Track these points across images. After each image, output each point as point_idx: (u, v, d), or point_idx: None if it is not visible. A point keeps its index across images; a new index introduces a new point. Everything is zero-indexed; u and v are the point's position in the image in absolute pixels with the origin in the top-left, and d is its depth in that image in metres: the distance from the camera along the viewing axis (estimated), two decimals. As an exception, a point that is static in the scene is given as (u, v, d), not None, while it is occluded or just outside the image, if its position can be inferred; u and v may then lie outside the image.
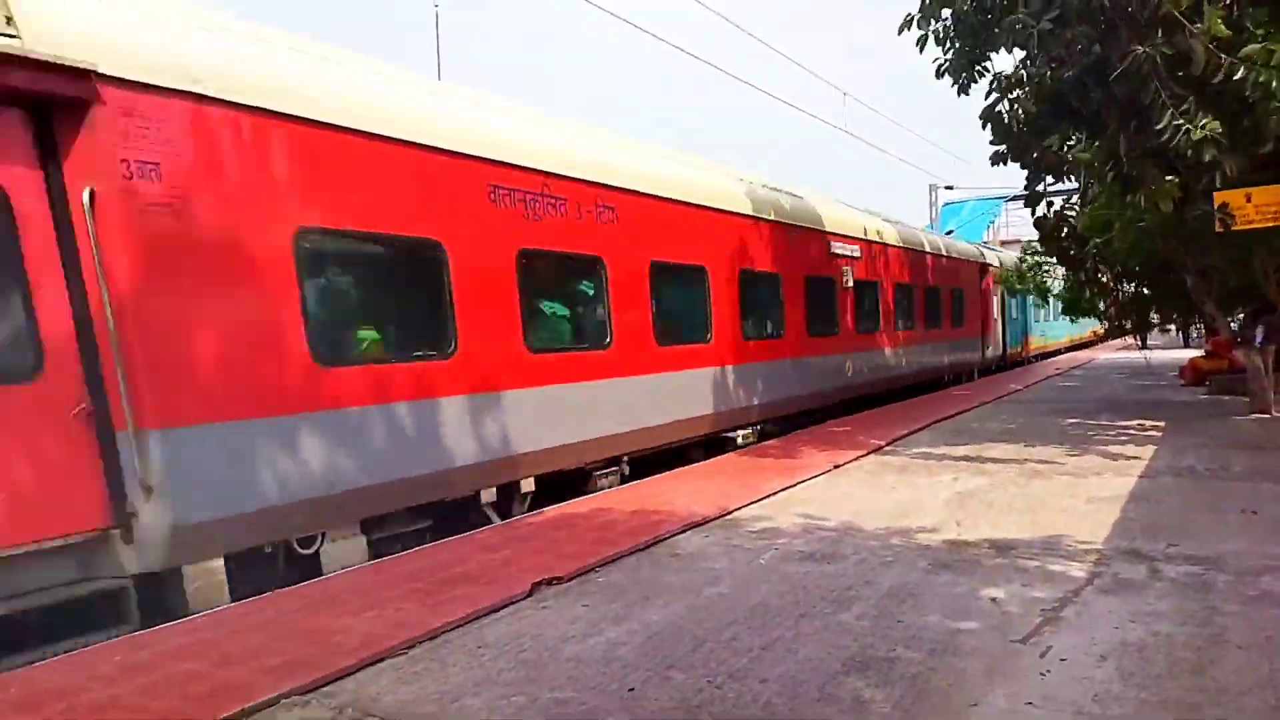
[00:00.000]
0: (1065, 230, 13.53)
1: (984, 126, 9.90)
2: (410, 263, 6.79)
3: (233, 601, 5.09)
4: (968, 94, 9.68)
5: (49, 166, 4.72)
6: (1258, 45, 7.36)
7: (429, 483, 6.53)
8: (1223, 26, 7.42)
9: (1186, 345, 21.72)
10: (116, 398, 4.74)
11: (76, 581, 4.80)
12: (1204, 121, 7.62)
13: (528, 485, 7.53)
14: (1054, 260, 15.70)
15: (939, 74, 9.58)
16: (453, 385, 6.74)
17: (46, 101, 4.62)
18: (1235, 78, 7.43)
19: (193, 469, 5.01)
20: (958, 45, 9.41)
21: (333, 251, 6.21)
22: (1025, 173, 11.22)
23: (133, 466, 4.78)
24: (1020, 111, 9.60)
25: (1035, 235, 15.09)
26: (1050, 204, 13.03)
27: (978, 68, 9.55)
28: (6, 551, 4.45)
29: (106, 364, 4.75)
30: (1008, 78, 9.72)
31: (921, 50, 9.32)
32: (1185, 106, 7.78)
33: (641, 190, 9.03)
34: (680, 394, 9.66)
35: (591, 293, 8.63)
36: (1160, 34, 7.80)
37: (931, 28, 9.25)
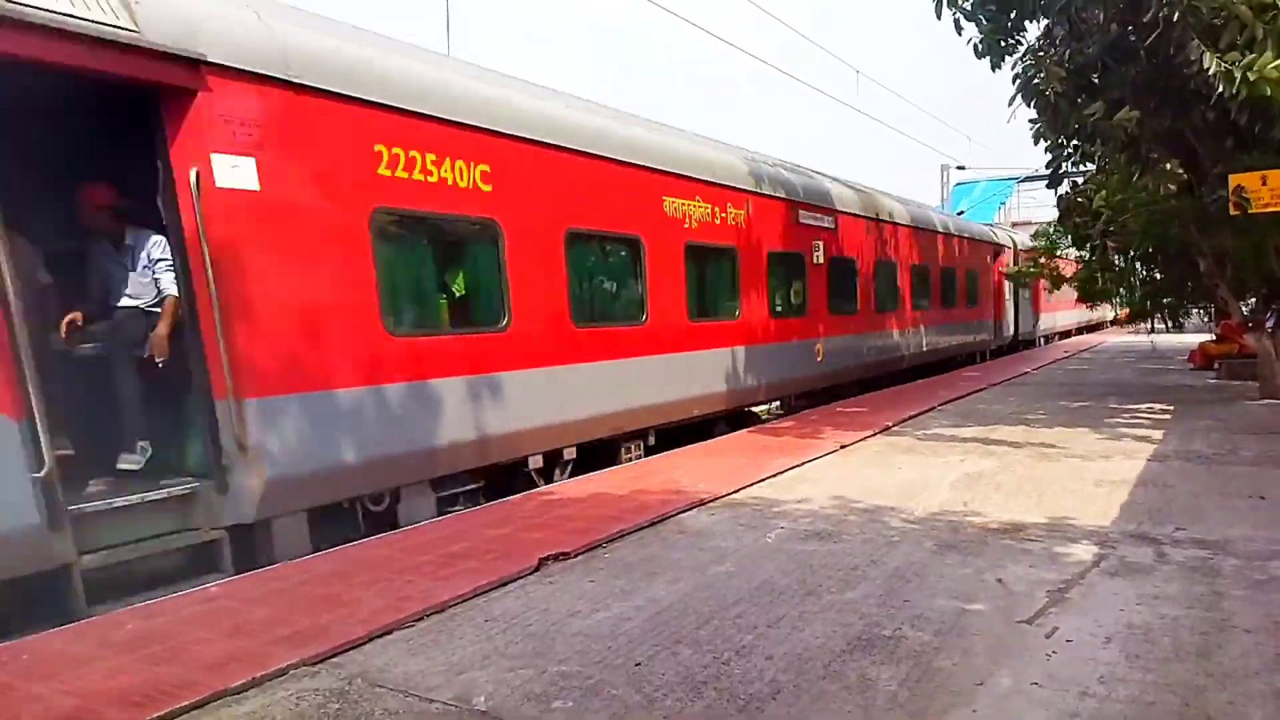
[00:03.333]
0: (1080, 209, 13.37)
1: (1012, 100, 9.70)
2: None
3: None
4: (999, 69, 9.53)
5: None
6: None
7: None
8: None
9: (1179, 330, 21.32)
10: None
11: None
12: (1263, 60, 7.18)
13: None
14: (1070, 242, 15.56)
15: (978, 54, 9.42)
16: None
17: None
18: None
19: None
20: (985, 20, 9.24)
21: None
22: (1047, 155, 11.02)
23: None
24: (1052, 85, 9.41)
25: (1045, 219, 15.03)
26: (1075, 184, 12.86)
27: (1010, 41, 9.38)
28: None
29: None
30: (1035, 53, 9.55)
31: (960, 32, 9.17)
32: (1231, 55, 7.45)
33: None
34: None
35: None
36: None
37: (961, 3, 9.07)
